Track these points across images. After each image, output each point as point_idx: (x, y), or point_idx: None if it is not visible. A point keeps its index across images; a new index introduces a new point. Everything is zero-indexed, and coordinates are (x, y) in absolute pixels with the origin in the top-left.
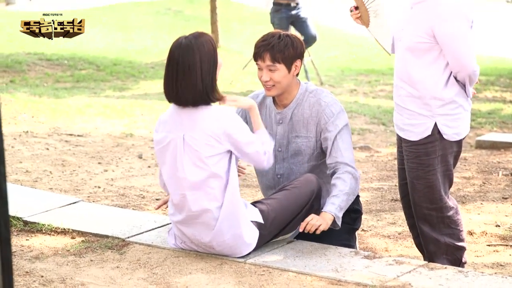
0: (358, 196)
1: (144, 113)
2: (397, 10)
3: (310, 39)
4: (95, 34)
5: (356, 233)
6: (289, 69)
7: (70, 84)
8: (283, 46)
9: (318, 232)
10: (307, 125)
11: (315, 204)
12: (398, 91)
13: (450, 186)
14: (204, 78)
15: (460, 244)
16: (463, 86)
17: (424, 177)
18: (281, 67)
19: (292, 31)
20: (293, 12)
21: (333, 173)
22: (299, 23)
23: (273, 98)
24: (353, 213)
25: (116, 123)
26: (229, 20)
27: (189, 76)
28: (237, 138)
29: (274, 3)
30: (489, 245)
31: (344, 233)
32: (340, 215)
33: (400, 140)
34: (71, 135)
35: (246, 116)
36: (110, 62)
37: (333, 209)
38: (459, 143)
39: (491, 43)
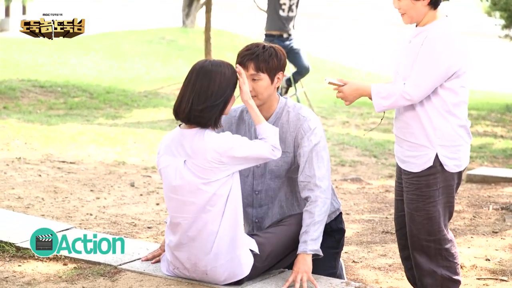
0: (340, 214)
1: (136, 141)
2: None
3: (303, 70)
4: (88, 62)
5: (345, 263)
6: (272, 80)
7: (63, 111)
8: (267, 56)
9: (310, 279)
10: (285, 140)
11: None
12: (397, 123)
13: (450, 218)
14: (212, 103)
15: (456, 277)
16: (463, 119)
17: (424, 208)
18: (265, 77)
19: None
20: (286, 43)
21: (305, 198)
22: (292, 54)
23: None
24: (337, 234)
25: (108, 150)
26: (223, 49)
27: (198, 96)
28: (242, 155)
29: (266, 35)
30: (479, 279)
31: (329, 261)
32: (317, 246)
33: (400, 171)
34: (63, 162)
35: (223, 131)
36: (103, 90)
37: (306, 247)
38: (459, 174)
39: (482, 78)
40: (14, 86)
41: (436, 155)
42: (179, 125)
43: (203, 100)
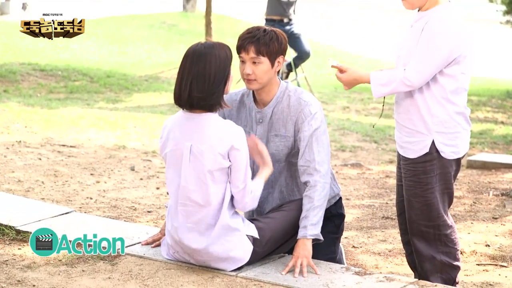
0: (340, 199)
1: (137, 126)
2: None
3: (303, 55)
4: (90, 46)
5: (345, 249)
6: (272, 63)
7: (64, 95)
8: (268, 40)
9: (310, 264)
10: (286, 124)
11: None
12: (397, 108)
13: (450, 204)
14: (212, 86)
15: (455, 263)
16: (462, 106)
17: (422, 195)
18: (265, 61)
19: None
20: (286, 28)
21: (304, 182)
22: (293, 39)
23: (254, 96)
24: (337, 219)
25: (109, 135)
26: (224, 34)
27: (197, 81)
28: (236, 158)
29: (266, 20)
30: (478, 265)
31: (328, 246)
32: (317, 230)
33: (400, 157)
34: (63, 145)
35: (224, 115)
36: (104, 74)
37: (306, 232)
38: (457, 161)
39: (483, 64)
40: (15, 69)
41: (433, 142)
42: (182, 109)
43: (202, 84)
